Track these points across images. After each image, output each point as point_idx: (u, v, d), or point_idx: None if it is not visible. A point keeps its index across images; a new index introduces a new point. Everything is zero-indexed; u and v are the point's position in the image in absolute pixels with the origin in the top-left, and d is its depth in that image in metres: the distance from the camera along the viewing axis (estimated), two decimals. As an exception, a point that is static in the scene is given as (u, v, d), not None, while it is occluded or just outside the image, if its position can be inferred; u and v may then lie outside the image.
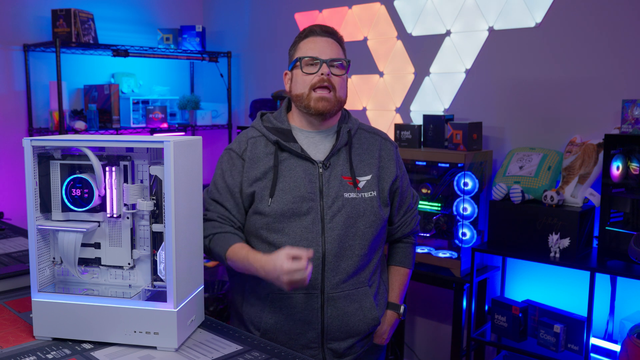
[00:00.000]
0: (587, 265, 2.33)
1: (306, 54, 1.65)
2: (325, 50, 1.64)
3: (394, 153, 1.78)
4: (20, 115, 3.52)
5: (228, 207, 1.68)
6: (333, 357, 1.69)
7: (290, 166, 1.65)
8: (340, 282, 1.64)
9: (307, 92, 1.64)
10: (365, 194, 1.67)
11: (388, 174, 1.74)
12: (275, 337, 1.67)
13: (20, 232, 2.47)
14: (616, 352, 2.35)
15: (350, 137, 1.71)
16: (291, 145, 1.66)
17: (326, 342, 1.67)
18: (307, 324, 1.65)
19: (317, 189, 1.64)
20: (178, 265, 1.33)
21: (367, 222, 1.66)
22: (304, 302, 1.64)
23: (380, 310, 1.75)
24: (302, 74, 1.65)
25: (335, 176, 1.66)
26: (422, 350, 3.31)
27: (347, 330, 1.67)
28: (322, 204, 1.63)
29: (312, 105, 1.63)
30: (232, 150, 1.71)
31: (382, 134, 1.82)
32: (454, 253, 2.77)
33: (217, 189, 1.70)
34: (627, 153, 2.29)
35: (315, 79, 1.63)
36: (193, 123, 3.98)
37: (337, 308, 1.65)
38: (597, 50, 2.57)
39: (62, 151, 1.41)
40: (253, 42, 4.07)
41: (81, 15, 3.46)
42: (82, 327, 1.36)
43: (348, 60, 1.68)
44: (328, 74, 1.62)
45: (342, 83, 1.66)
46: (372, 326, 1.72)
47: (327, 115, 1.66)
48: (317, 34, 1.67)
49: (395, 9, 3.25)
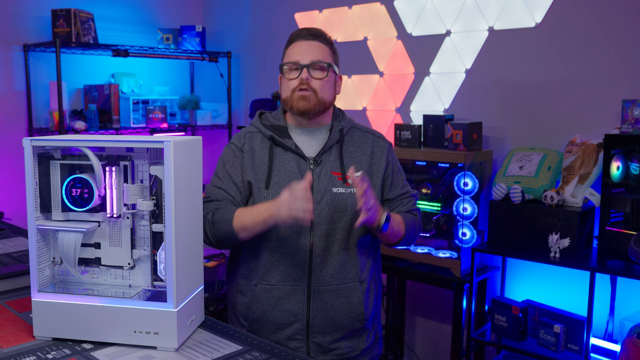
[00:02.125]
0: (587, 265, 2.33)
1: (289, 60, 1.72)
2: (307, 54, 1.70)
3: (387, 149, 1.82)
4: (20, 115, 3.52)
5: (231, 193, 1.74)
6: (318, 351, 1.72)
7: (284, 161, 1.72)
8: (327, 275, 1.69)
9: (290, 95, 1.71)
10: (354, 189, 1.70)
11: (379, 169, 1.78)
12: (262, 328, 1.72)
13: (20, 232, 2.47)
14: (616, 352, 2.35)
15: (342, 135, 1.76)
16: (285, 141, 1.73)
17: (311, 335, 1.71)
18: (293, 315, 1.70)
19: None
20: (178, 265, 1.33)
21: (353, 216, 1.69)
22: (291, 294, 1.69)
23: (370, 309, 1.77)
24: (286, 79, 1.73)
25: (326, 172, 1.72)
26: (422, 350, 3.31)
27: (332, 323, 1.71)
28: (312, 198, 1.66)
29: (294, 105, 1.71)
30: (233, 143, 1.80)
31: (377, 133, 1.86)
32: (454, 253, 2.76)
33: (219, 178, 1.77)
34: (627, 153, 2.29)
35: (296, 83, 1.70)
36: (193, 123, 3.98)
37: (323, 301, 1.70)
38: (597, 50, 2.57)
39: (62, 151, 1.41)
40: (253, 42, 4.07)
41: (81, 15, 3.46)
42: (82, 327, 1.36)
43: (329, 63, 1.71)
44: (307, 78, 1.68)
45: (323, 85, 1.71)
46: (358, 322, 1.74)
47: (309, 114, 1.71)
48: (302, 38, 1.73)
49: (395, 9, 3.25)
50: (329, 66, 1.72)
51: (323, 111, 1.74)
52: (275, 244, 1.69)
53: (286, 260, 1.69)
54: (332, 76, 1.73)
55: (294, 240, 1.68)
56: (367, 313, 1.75)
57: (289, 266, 1.69)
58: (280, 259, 1.69)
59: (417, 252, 2.85)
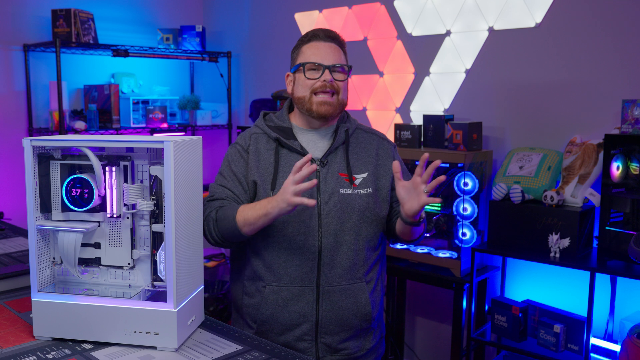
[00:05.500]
0: (587, 265, 2.33)
1: (309, 60, 1.70)
2: (328, 56, 1.70)
3: (392, 152, 1.83)
4: (20, 115, 3.52)
5: (236, 192, 1.73)
6: (327, 351, 1.72)
7: (290, 162, 1.71)
8: (336, 276, 1.69)
9: (309, 95, 1.70)
10: (361, 191, 1.72)
11: (386, 172, 1.78)
12: (271, 329, 1.72)
13: (20, 232, 2.47)
14: (616, 352, 2.35)
15: (347, 136, 1.77)
16: (291, 142, 1.72)
17: (320, 336, 1.71)
18: (302, 316, 1.69)
19: None
20: (178, 265, 1.33)
21: (361, 217, 1.70)
22: (300, 295, 1.69)
23: (376, 309, 1.78)
24: (305, 78, 1.70)
25: (332, 173, 1.71)
26: (422, 350, 3.31)
27: (341, 323, 1.71)
28: (319, 199, 1.69)
29: (315, 109, 1.69)
30: (238, 144, 1.79)
31: (380, 134, 1.87)
32: (454, 253, 2.76)
33: (224, 177, 1.76)
34: (627, 153, 2.29)
35: (318, 84, 1.69)
36: (193, 123, 3.98)
37: (332, 302, 1.69)
38: (597, 50, 2.57)
39: (62, 151, 1.42)
40: (253, 42, 4.07)
41: (81, 15, 3.46)
42: (82, 327, 1.36)
43: (349, 66, 1.75)
44: (331, 80, 1.68)
45: (344, 87, 1.73)
46: (365, 322, 1.74)
47: (329, 119, 1.72)
48: (320, 39, 1.73)
49: (395, 9, 3.25)
50: (349, 69, 1.74)
51: (340, 114, 1.76)
52: (283, 245, 1.68)
53: (295, 261, 1.68)
54: (347, 79, 1.75)
55: (302, 240, 1.67)
56: (374, 312, 1.76)
57: (297, 267, 1.68)
58: (288, 259, 1.68)
59: (417, 252, 2.85)
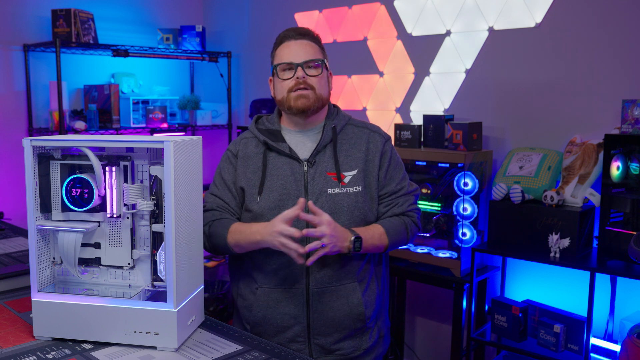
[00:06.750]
0: (587, 265, 2.33)
1: (281, 60, 1.72)
2: (299, 54, 1.70)
3: (382, 144, 1.77)
4: (20, 115, 3.52)
5: (226, 199, 1.76)
6: (320, 352, 1.73)
7: (278, 165, 1.72)
8: (326, 277, 1.69)
9: (286, 95, 1.71)
10: (350, 189, 1.71)
11: (374, 167, 1.75)
12: (264, 330, 1.73)
13: (20, 232, 2.47)
14: (616, 352, 2.35)
15: (335, 134, 1.75)
16: (279, 145, 1.73)
17: (313, 337, 1.71)
18: (293, 317, 1.70)
19: (302, 187, 1.70)
20: (178, 265, 1.33)
21: (350, 216, 1.69)
22: (290, 296, 1.70)
23: (371, 308, 1.76)
24: (280, 80, 1.72)
25: (320, 173, 1.71)
26: (422, 350, 3.31)
27: (332, 324, 1.71)
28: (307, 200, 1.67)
29: (292, 104, 1.70)
30: (229, 150, 1.82)
31: (373, 127, 1.82)
32: (454, 253, 2.76)
33: (216, 185, 1.80)
34: (627, 153, 2.29)
35: (292, 83, 1.69)
36: (193, 123, 3.98)
37: (322, 303, 1.69)
38: (597, 50, 2.57)
39: (62, 151, 1.42)
40: (253, 42, 4.07)
41: (81, 15, 3.46)
42: (82, 327, 1.36)
43: (323, 60, 1.73)
44: (303, 77, 1.68)
45: (320, 82, 1.72)
46: (359, 322, 1.73)
47: (308, 112, 1.71)
48: (291, 38, 1.73)
49: (395, 9, 3.25)
50: (322, 63, 1.73)
51: (320, 108, 1.74)
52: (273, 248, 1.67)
53: (284, 263, 1.69)
54: (325, 73, 1.74)
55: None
56: (367, 312, 1.74)
57: (287, 269, 1.69)
58: (278, 262, 1.69)
59: (417, 252, 2.85)
